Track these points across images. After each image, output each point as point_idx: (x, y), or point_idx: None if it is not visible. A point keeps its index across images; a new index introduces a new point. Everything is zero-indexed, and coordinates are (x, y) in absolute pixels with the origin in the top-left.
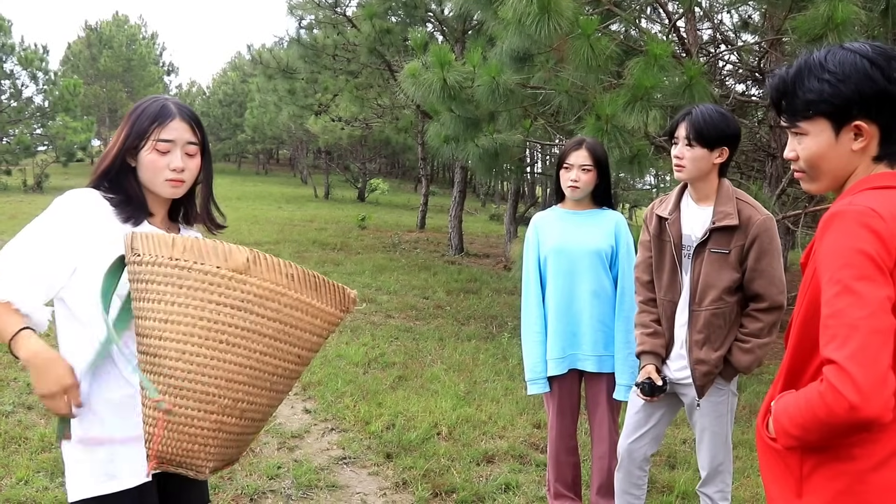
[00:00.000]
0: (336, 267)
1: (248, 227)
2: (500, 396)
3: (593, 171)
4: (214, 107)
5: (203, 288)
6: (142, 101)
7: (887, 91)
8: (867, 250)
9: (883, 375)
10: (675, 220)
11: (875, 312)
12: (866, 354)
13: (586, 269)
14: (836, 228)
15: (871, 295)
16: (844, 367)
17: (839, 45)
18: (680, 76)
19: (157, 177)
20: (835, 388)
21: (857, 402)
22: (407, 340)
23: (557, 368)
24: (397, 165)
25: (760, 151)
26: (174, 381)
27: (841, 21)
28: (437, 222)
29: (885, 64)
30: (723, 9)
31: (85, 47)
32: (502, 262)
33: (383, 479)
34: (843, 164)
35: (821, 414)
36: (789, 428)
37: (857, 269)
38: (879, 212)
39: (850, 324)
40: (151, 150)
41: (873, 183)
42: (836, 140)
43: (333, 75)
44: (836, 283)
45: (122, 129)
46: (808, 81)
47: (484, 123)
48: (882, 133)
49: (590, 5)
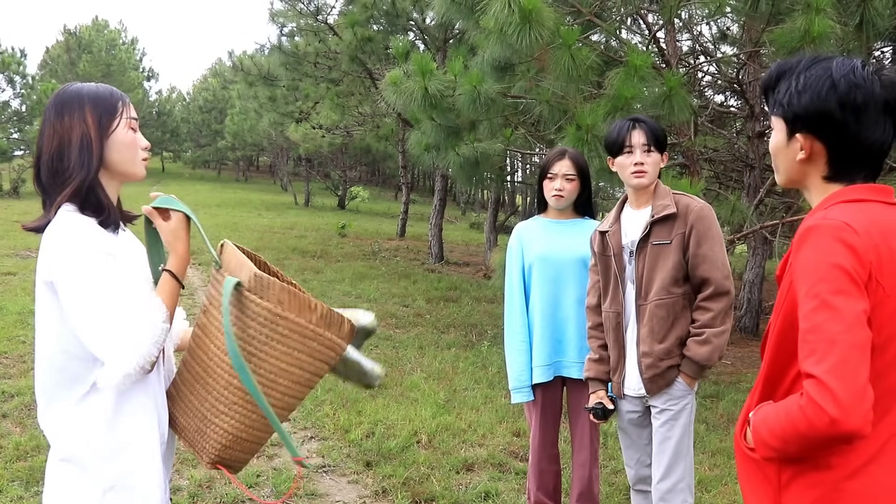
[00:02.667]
0: (316, 275)
1: (227, 234)
2: (480, 405)
3: (576, 181)
4: (195, 113)
5: (310, 346)
6: (75, 87)
7: (833, 115)
8: (843, 264)
9: (862, 389)
10: (615, 230)
11: (852, 326)
12: (846, 369)
13: (571, 276)
14: (811, 243)
15: (848, 309)
16: (825, 381)
17: (831, 57)
18: (660, 87)
19: (134, 155)
20: (816, 403)
21: (837, 416)
22: (387, 348)
23: (543, 376)
24: (378, 173)
25: (738, 162)
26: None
27: (817, 34)
28: (418, 230)
29: (846, 89)
30: (702, 21)
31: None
32: (482, 270)
33: (363, 488)
34: (791, 167)
35: (802, 427)
36: (769, 440)
37: (834, 284)
38: (853, 226)
39: (828, 338)
40: (127, 128)
41: (846, 196)
42: (786, 144)
43: (315, 83)
44: (813, 298)
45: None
46: (783, 80)
47: (465, 132)
48: (829, 154)
49: (571, 16)
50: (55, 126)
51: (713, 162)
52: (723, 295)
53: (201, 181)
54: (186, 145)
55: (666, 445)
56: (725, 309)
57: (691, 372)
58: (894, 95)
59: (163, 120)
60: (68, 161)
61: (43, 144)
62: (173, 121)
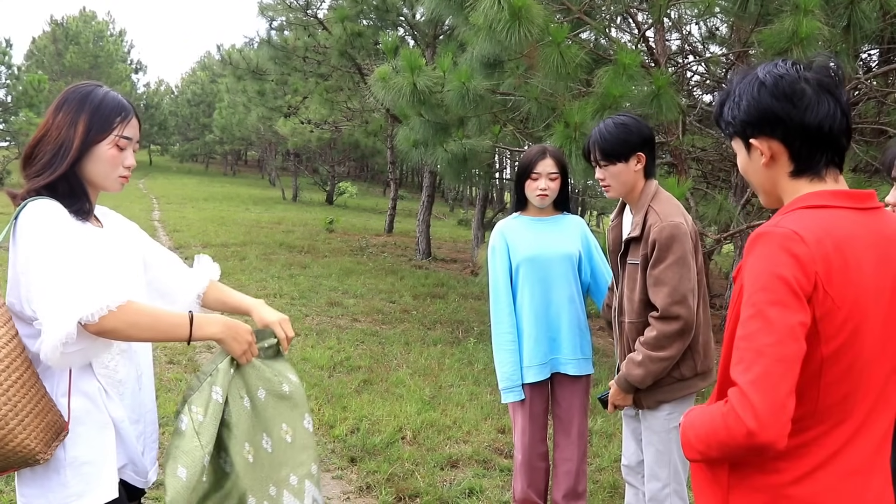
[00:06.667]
0: (303, 270)
1: (214, 228)
2: (466, 401)
3: (559, 179)
4: (183, 106)
5: None
6: (87, 89)
7: (772, 109)
8: (784, 275)
9: (781, 403)
10: (615, 225)
11: (782, 340)
12: (768, 382)
13: (561, 274)
14: (758, 250)
15: (782, 322)
16: (746, 392)
17: (758, 65)
18: (648, 86)
19: (112, 172)
20: (735, 413)
21: (754, 429)
22: (373, 344)
23: (537, 375)
24: (366, 169)
25: (726, 161)
26: None
27: (805, 36)
28: (405, 226)
29: (773, 82)
30: (691, 20)
31: (50, 42)
32: (470, 267)
33: (347, 483)
34: (763, 179)
35: (721, 435)
36: (695, 443)
37: (772, 294)
38: (802, 235)
39: (757, 349)
40: (112, 146)
41: (805, 202)
42: (749, 158)
43: (303, 77)
44: (751, 306)
45: (80, 120)
46: (725, 105)
47: (453, 128)
48: (787, 148)
49: (560, 13)
50: (49, 118)
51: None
52: (669, 319)
53: (189, 175)
54: (174, 139)
55: (648, 450)
56: (670, 334)
57: (622, 386)
58: (824, 74)
59: (150, 113)
60: (42, 155)
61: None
62: (161, 114)
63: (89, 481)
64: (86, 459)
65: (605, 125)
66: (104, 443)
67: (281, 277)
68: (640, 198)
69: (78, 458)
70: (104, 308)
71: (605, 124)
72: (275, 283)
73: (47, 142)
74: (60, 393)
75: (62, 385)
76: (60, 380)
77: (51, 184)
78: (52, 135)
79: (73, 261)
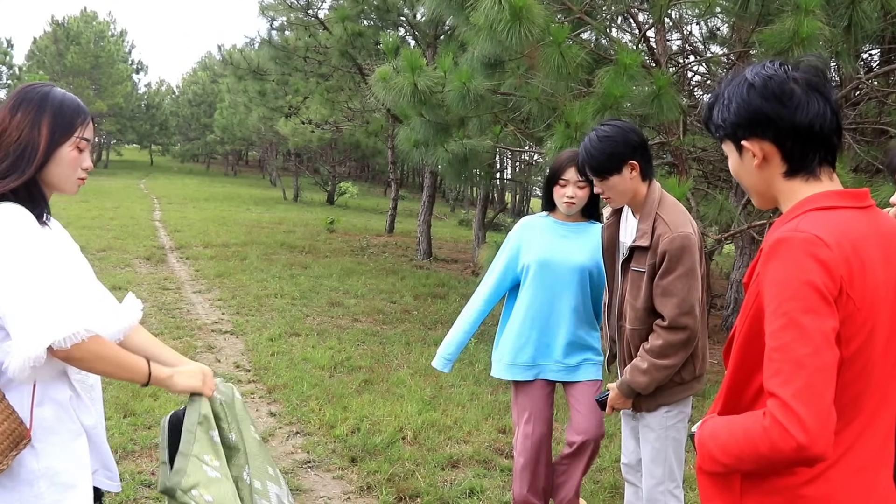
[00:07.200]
0: (304, 270)
1: (215, 228)
2: (466, 401)
3: (587, 187)
4: (184, 106)
5: None
6: (44, 89)
7: (762, 110)
8: (814, 281)
9: (828, 414)
10: (611, 224)
11: (820, 349)
12: (812, 393)
13: (569, 284)
14: (782, 256)
15: (817, 329)
16: (791, 405)
17: (745, 68)
18: (649, 86)
19: (73, 175)
20: (782, 426)
21: (805, 442)
22: (373, 344)
23: (521, 375)
24: (367, 169)
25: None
26: None
27: (806, 36)
28: (406, 227)
29: (762, 83)
30: (692, 20)
31: (51, 42)
32: (470, 267)
33: (348, 483)
34: (756, 180)
35: (763, 449)
36: (719, 456)
37: (804, 302)
38: (825, 239)
39: (796, 360)
40: (73, 148)
41: (816, 204)
42: (741, 160)
43: (304, 77)
44: (781, 316)
45: (42, 122)
46: (714, 108)
47: (454, 129)
48: (779, 148)
49: (561, 13)
50: (5, 117)
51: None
52: (676, 329)
53: (190, 175)
54: (175, 139)
55: (645, 448)
56: (676, 343)
57: (625, 392)
58: (812, 74)
59: (151, 113)
60: (3, 157)
61: None
62: (162, 114)
63: (64, 491)
64: (59, 469)
65: (589, 141)
66: (77, 451)
67: (282, 277)
68: (644, 204)
69: (51, 468)
70: (77, 336)
71: (590, 139)
72: (276, 283)
73: (7, 143)
74: (25, 403)
75: (27, 395)
76: (25, 389)
77: (15, 190)
78: (11, 136)
79: (47, 277)
